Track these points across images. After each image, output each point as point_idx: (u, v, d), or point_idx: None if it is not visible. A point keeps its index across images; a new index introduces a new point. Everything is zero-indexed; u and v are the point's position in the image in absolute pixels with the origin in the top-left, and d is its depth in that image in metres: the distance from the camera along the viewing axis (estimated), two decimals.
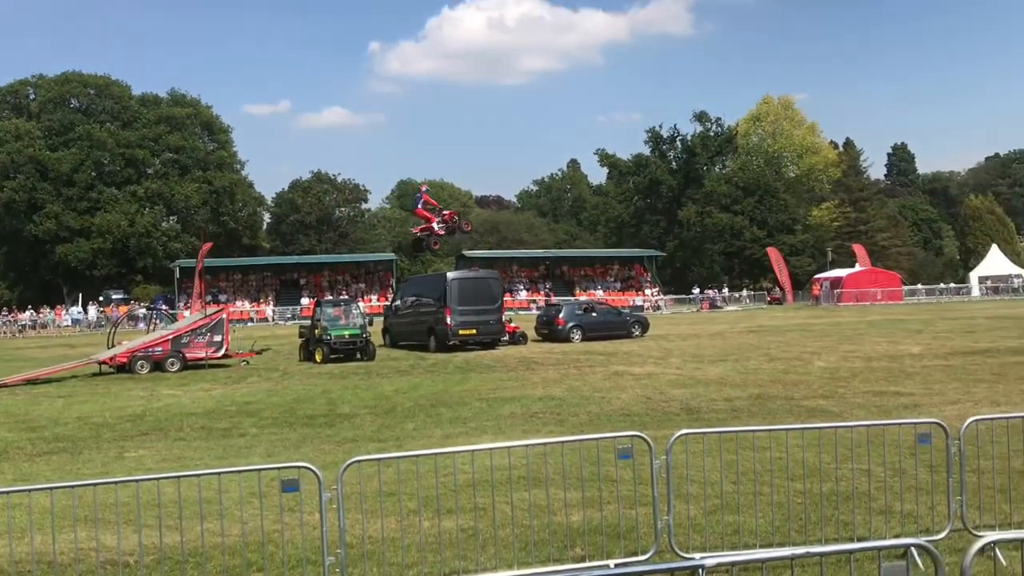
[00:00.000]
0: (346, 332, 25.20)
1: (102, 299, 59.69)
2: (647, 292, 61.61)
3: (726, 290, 69.21)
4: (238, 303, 54.64)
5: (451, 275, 29.60)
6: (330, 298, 42.01)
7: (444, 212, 29.37)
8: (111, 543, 7.03)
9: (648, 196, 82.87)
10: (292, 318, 52.62)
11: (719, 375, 18.67)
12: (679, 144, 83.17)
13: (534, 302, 56.49)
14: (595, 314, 31.85)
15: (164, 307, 44.41)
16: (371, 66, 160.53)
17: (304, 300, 54.75)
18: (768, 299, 65.36)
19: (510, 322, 30.23)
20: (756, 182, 77.09)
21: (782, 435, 8.33)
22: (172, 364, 23.57)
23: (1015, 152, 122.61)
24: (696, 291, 65.95)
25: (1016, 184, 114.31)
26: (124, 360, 23.48)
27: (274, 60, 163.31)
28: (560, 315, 30.88)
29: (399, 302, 31.87)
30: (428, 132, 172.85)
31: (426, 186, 34.71)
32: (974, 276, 68.71)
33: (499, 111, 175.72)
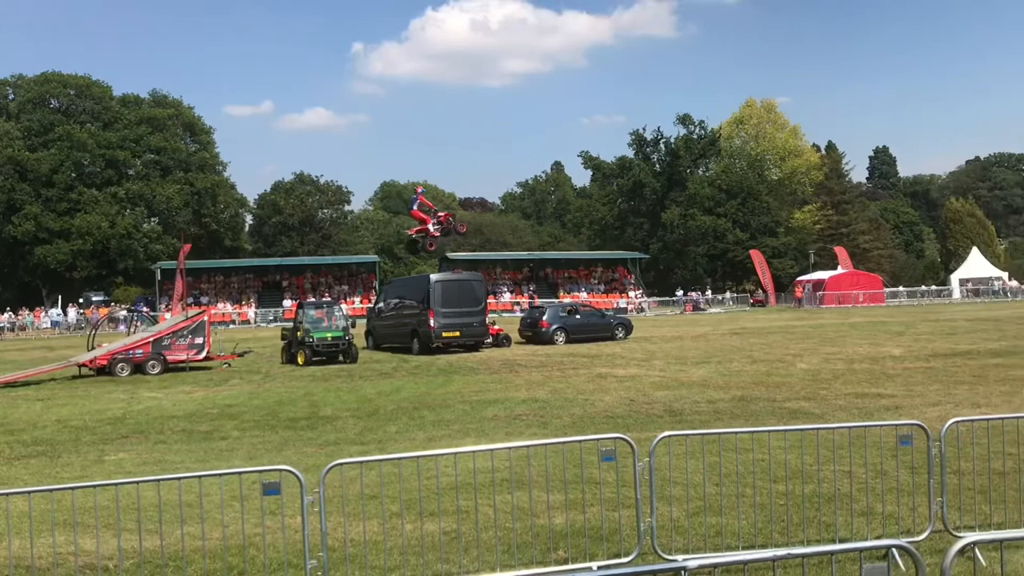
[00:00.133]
0: (328, 334, 25.09)
1: (82, 301, 59.12)
2: (631, 294, 61.69)
3: (709, 292, 69.67)
4: (220, 305, 54.23)
5: (434, 277, 29.57)
6: (312, 300, 41.96)
7: (439, 214, 29.51)
8: (90, 547, 6.97)
9: (632, 198, 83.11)
10: (274, 320, 52.39)
11: (702, 377, 18.73)
12: (663, 147, 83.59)
13: (518, 304, 56.43)
14: (579, 316, 31.88)
15: (145, 309, 44.03)
16: (354, 67, 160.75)
17: (286, 302, 54.45)
18: (751, 301, 65.65)
19: (494, 324, 30.25)
20: (739, 185, 77.44)
21: (764, 437, 8.35)
22: (153, 367, 23.42)
23: (995, 156, 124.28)
24: (679, 293, 66.37)
25: (996, 187, 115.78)
26: (104, 363, 23.31)
27: (256, 61, 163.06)
28: (544, 317, 30.86)
29: (382, 304, 31.74)
30: (411, 134, 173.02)
31: (422, 188, 34.83)
32: (955, 278, 69.30)
33: (483, 113, 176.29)
